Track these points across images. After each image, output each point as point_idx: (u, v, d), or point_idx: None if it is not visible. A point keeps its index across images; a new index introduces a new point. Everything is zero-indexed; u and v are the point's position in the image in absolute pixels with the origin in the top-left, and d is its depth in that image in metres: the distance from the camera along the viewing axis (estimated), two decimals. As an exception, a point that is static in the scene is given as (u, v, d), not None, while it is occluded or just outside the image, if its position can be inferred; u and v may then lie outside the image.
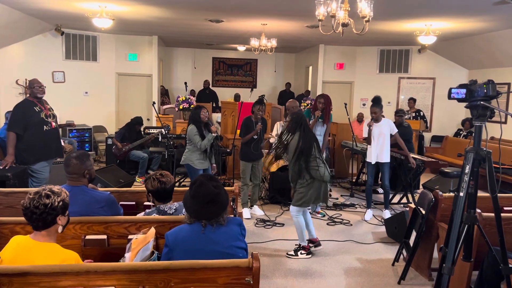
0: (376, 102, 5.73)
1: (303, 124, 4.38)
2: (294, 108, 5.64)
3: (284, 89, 13.25)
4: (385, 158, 5.72)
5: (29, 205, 2.15)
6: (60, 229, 2.26)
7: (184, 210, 2.98)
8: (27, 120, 4.79)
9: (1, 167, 4.64)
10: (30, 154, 4.85)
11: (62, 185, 2.68)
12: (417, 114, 9.70)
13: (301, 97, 11.16)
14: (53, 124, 5.04)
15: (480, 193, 2.91)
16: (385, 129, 5.71)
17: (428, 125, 10.92)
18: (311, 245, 4.49)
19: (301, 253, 4.40)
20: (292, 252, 4.44)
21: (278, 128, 6.43)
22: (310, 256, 4.41)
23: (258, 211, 5.85)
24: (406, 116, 9.57)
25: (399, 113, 7.01)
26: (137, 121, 8.00)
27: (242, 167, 5.71)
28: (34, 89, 4.89)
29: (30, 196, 2.18)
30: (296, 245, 4.51)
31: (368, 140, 5.75)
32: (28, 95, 5.09)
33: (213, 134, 5.32)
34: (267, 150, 6.31)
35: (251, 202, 5.89)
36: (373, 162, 5.74)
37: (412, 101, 9.86)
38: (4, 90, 9.10)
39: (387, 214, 5.74)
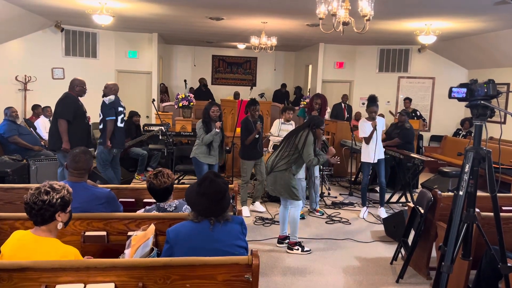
0: (374, 101, 5.77)
1: (309, 125, 4.56)
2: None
3: (279, 88, 13.12)
4: (381, 155, 5.80)
5: (29, 200, 2.17)
6: (60, 225, 2.25)
7: (184, 207, 2.98)
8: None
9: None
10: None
11: (62, 181, 2.68)
12: (413, 114, 9.72)
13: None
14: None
15: (479, 193, 2.91)
16: (380, 127, 5.79)
17: (427, 124, 10.92)
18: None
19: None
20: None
21: (277, 125, 6.43)
22: (281, 245, 4.63)
23: (259, 207, 5.88)
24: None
25: (401, 113, 7.05)
26: (133, 114, 8.02)
27: (244, 166, 5.74)
28: (79, 89, 5.99)
29: (31, 191, 2.19)
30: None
31: (368, 140, 5.75)
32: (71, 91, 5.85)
33: (216, 130, 5.36)
34: (265, 148, 6.30)
35: (253, 199, 5.93)
36: (374, 161, 5.74)
37: (408, 100, 9.95)
38: (3, 86, 9.08)
39: (382, 212, 5.77)
